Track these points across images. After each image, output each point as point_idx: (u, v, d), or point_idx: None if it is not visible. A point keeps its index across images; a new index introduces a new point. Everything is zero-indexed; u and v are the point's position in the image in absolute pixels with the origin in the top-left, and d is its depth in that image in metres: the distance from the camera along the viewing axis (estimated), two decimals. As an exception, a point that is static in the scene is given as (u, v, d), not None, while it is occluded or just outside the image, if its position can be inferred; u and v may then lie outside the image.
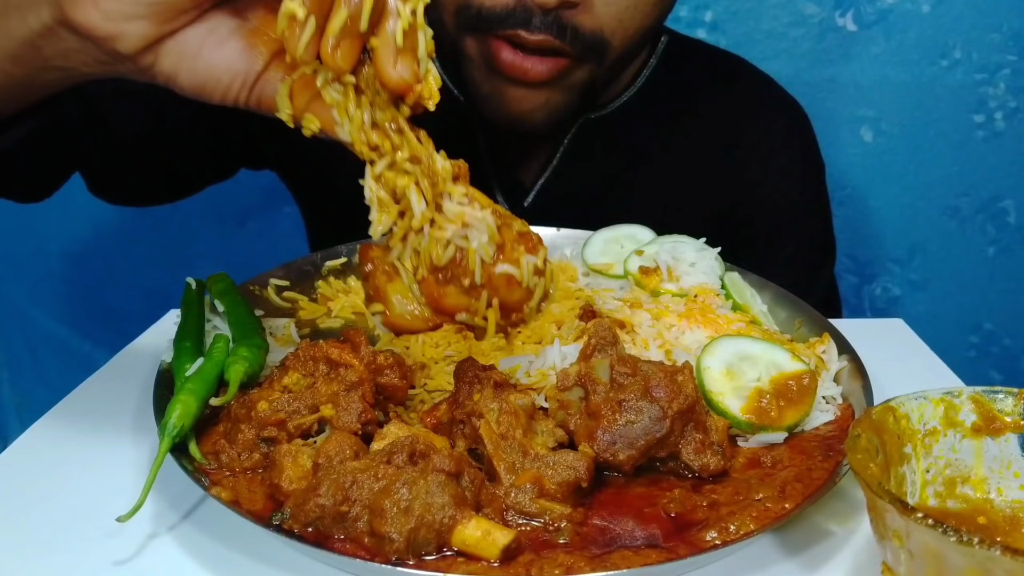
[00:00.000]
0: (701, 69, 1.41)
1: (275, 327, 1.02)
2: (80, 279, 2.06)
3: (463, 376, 0.77)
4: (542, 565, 0.64)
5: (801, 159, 1.43)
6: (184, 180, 1.40)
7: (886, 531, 0.56)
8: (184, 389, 0.78)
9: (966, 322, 2.08)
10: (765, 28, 1.87)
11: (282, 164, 1.46)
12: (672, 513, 0.71)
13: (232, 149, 1.40)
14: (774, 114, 1.42)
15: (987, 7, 1.83)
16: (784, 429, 0.81)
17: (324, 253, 1.16)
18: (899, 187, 1.98)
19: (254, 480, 0.74)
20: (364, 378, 0.80)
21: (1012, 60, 1.86)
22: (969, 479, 0.67)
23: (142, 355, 1.02)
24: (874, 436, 0.62)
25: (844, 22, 1.86)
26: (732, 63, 1.47)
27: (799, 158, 1.43)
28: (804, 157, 1.44)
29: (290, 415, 0.77)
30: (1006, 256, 2.02)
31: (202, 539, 0.71)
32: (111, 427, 0.88)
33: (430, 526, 0.64)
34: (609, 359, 0.78)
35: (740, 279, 1.07)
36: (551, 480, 0.70)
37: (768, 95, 1.44)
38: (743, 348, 0.87)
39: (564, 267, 1.13)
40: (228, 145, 1.38)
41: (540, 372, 0.88)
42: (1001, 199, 1.98)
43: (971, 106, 1.90)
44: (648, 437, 0.74)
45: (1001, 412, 0.67)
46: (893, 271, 2.06)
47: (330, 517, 0.65)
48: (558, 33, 1.06)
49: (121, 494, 0.76)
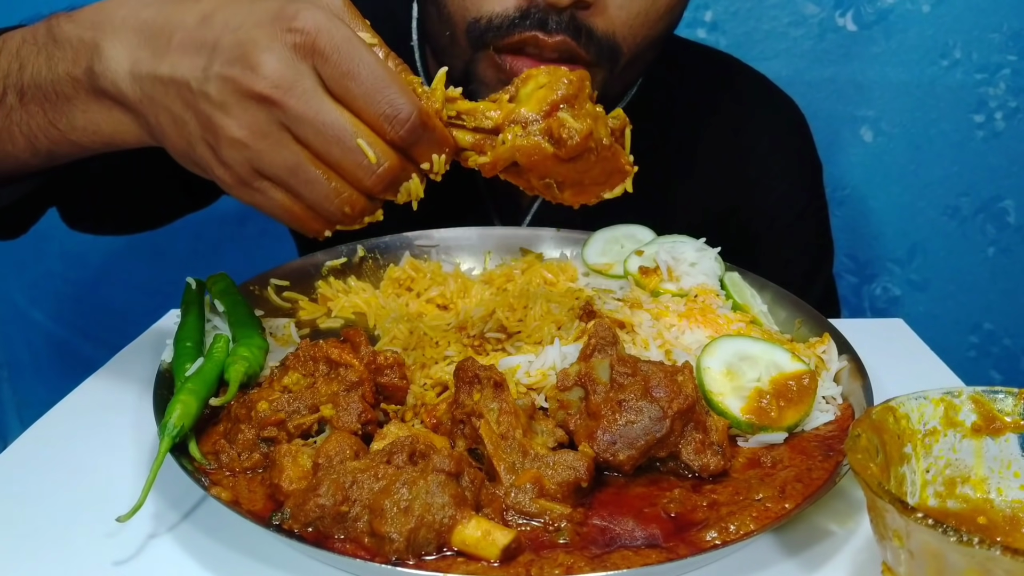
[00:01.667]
0: (696, 71, 1.39)
1: (275, 327, 1.02)
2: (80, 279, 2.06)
3: (463, 376, 0.77)
4: (542, 565, 0.64)
5: (799, 160, 1.43)
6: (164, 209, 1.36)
7: (886, 531, 0.56)
8: (184, 389, 0.78)
9: (966, 322, 2.08)
10: (765, 28, 1.87)
11: None
12: (672, 513, 0.71)
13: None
14: (771, 115, 1.41)
15: (987, 7, 1.83)
16: (784, 429, 0.81)
17: (324, 253, 1.16)
18: (899, 187, 1.98)
19: (254, 480, 0.74)
20: (364, 378, 0.80)
21: (1012, 60, 1.86)
22: (969, 479, 0.67)
23: (142, 355, 1.03)
24: (874, 436, 0.62)
25: (844, 22, 1.86)
26: (726, 64, 1.46)
27: (797, 159, 1.42)
28: (802, 158, 1.43)
29: (290, 415, 0.77)
30: (1006, 256, 2.02)
31: (202, 539, 0.71)
32: (111, 427, 0.88)
33: (430, 526, 0.64)
34: (609, 359, 0.78)
35: (740, 279, 1.07)
36: (551, 480, 0.70)
37: (764, 96, 1.44)
38: (743, 348, 0.87)
39: (564, 267, 1.13)
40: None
41: (540, 372, 0.88)
42: (1001, 199, 1.98)
43: (971, 106, 1.90)
44: (648, 437, 0.74)
45: (1001, 412, 0.67)
46: (893, 271, 2.06)
47: (330, 517, 0.65)
48: (574, 34, 1.05)
49: (121, 494, 0.76)
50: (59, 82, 0.78)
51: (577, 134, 0.75)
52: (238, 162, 0.70)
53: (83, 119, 0.79)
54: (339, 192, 0.71)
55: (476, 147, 0.77)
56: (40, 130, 0.82)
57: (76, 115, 0.79)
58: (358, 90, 0.69)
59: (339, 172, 0.71)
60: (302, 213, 0.73)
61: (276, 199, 0.72)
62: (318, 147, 0.69)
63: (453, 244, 1.22)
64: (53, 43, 0.79)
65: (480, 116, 0.77)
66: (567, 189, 0.80)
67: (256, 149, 0.69)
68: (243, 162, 0.70)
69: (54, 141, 0.82)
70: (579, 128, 0.75)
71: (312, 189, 0.71)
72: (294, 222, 0.74)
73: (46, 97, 0.80)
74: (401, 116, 0.70)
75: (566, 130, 0.75)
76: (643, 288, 1.05)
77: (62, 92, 0.78)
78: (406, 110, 0.70)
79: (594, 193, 0.81)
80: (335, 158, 0.69)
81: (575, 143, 0.75)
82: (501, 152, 0.76)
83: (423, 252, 1.19)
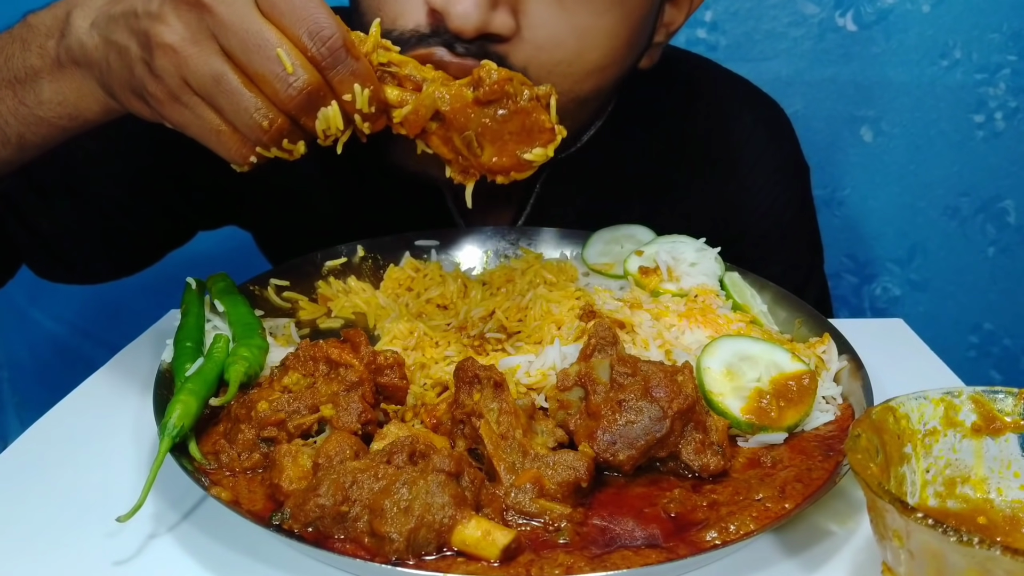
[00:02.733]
0: (671, 81, 1.31)
1: (275, 327, 1.02)
2: (80, 279, 2.06)
3: (463, 376, 0.77)
4: (542, 565, 0.64)
5: (786, 165, 1.38)
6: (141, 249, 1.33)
7: (886, 531, 0.56)
8: (184, 389, 0.78)
9: (966, 322, 2.08)
10: (765, 28, 1.87)
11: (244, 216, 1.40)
12: (672, 513, 0.71)
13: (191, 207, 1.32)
14: (755, 121, 1.36)
15: (987, 7, 1.83)
16: (784, 429, 0.81)
17: (324, 253, 1.16)
18: (899, 187, 1.98)
19: (254, 480, 0.74)
20: (364, 378, 0.80)
21: (1012, 60, 1.86)
22: (969, 479, 0.67)
23: (142, 355, 1.03)
24: (874, 436, 0.62)
25: (844, 22, 1.86)
26: (702, 69, 1.39)
27: (784, 164, 1.37)
28: (788, 162, 1.38)
29: (290, 415, 0.77)
30: (1006, 256, 2.02)
31: (202, 539, 0.71)
32: (111, 427, 0.88)
33: (430, 526, 0.64)
34: (609, 359, 0.78)
35: (740, 279, 1.07)
36: (551, 480, 0.70)
37: (747, 101, 1.38)
38: (743, 348, 0.87)
39: (564, 267, 1.13)
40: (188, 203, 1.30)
41: (540, 372, 0.88)
42: (1001, 199, 1.98)
43: (971, 106, 1.90)
44: (648, 437, 0.74)
45: (1001, 412, 0.67)
46: (893, 271, 2.06)
47: (330, 517, 0.65)
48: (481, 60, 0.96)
49: (121, 494, 0.76)
50: (30, 60, 0.84)
51: (496, 72, 0.80)
52: (168, 72, 0.73)
53: (49, 90, 0.84)
54: (258, 106, 0.73)
55: (401, 102, 0.80)
56: (10, 112, 0.87)
57: (43, 88, 0.84)
58: (285, 6, 0.72)
59: (258, 83, 0.73)
60: (227, 132, 0.75)
61: (203, 115, 0.75)
62: (240, 56, 0.72)
63: (453, 244, 1.22)
64: (28, 30, 0.85)
65: (410, 67, 0.81)
66: (487, 145, 0.82)
67: (184, 55, 0.72)
68: (173, 72, 0.73)
69: (23, 121, 0.86)
70: (499, 70, 0.80)
71: (232, 100, 0.73)
72: (219, 144, 0.76)
73: (16, 78, 0.85)
74: (323, 33, 0.72)
75: (485, 70, 0.80)
76: (643, 288, 1.05)
77: (32, 68, 0.84)
78: (329, 29, 0.73)
79: (513, 152, 0.83)
80: (255, 67, 0.72)
81: (493, 80, 0.79)
82: (423, 99, 0.80)
83: (423, 252, 1.20)
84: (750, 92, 1.40)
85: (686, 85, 1.35)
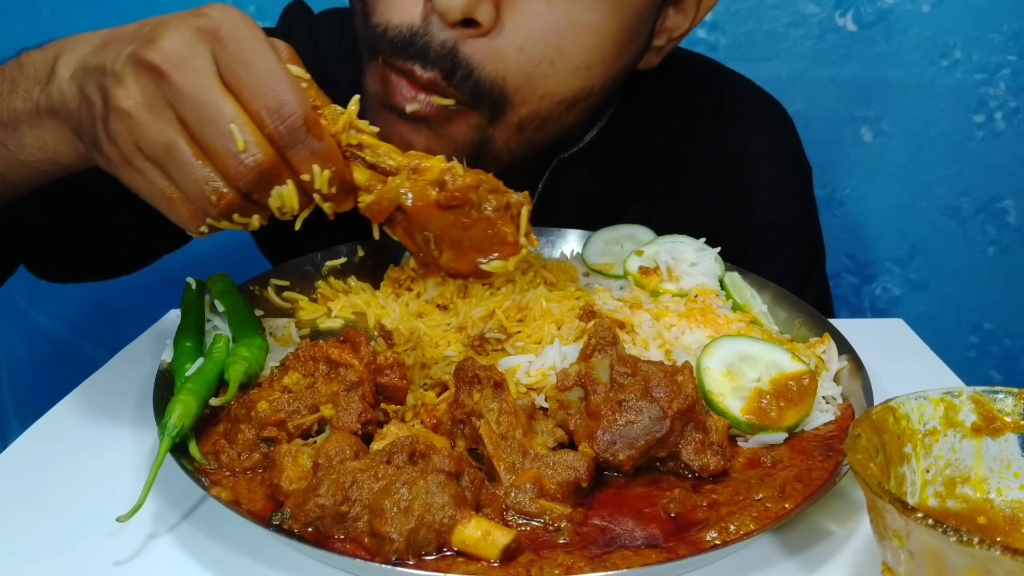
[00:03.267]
0: (673, 82, 1.31)
1: (275, 327, 1.02)
2: (80, 279, 2.06)
3: (463, 376, 0.77)
4: (542, 565, 0.64)
5: (789, 165, 1.38)
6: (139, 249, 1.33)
7: (886, 531, 0.56)
8: (184, 389, 0.78)
9: (966, 322, 2.08)
10: (765, 28, 1.87)
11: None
12: (672, 513, 0.71)
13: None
14: (757, 121, 1.36)
15: (987, 7, 1.83)
16: (784, 429, 0.81)
17: (324, 253, 1.16)
18: (899, 187, 1.98)
19: (254, 480, 0.74)
20: (364, 378, 0.80)
21: (1012, 60, 1.86)
22: (969, 479, 0.67)
23: (142, 355, 1.03)
24: (874, 436, 0.62)
25: (844, 22, 1.86)
26: (705, 69, 1.39)
27: (786, 165, 1.37)
28: (791, 162, 1.38)
29: (290, 415, 0.77)
30: (1006, 256, 2.02)
31: (202, 539, 0.71)
32: (111, 427, 0.88)
33: (430, 526, 0.64)
34: (609, 359, 0.78)
35: (740, 279, 1.07)
36: (551, 480, 0.70)
37: (750, 102, 1.38)
38: (743, 348, 0.87)
39: (564, 267, 1.13)
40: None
41: (540, 372, 0.88)
42: (1001, 199, 1.98)
43: (971, 106, 1.90)
44: (648, 437, 0.74)
45: (1001, 412, 0.67)
46: (893, 271, 2.06)
47: (330, 517, 0.65)
48: (448, 72, 0.96)
49: (121, 494, 0.76)
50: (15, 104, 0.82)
51: (461, 179, 0.76)
52: (122, 136, 0.71)
53: (30, 136, 0.83)
54: (208, 178, 0.70)
55: (368, 187, 0.76)
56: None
57: (25, 134, 0.83)
58: (248, 79, 0.69)
59: (210, 156, 0.70)
60: (178, 200, 0.73)
61: (155, 181, 0.72)
62: (194, 127, 0.69)
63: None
64: (19, 70, 0.83)
65: (382, 154, 0.76)
66: (446, 249, 0.79)
67: (138, 121, 0.70)
68: (126, 136, 0.71)
69: (5, 163, 0.86)
70: (465, 176, 0.76)
71: (182, 171, 0.70)
72: (170, 210, 0.73)
73: (1, 121, 0.84)
74: (284, 111, 0.69)
75: (451, 174, 0.76)
76: (643, 288, 1.05)
77: (15, 112, 0.83)
78: (290, 106, 0.69)
79: (472, 260, 0.79)
80: (208, 140, 0.69)
81: (456, 186, 0.76)
82: (386, 191, 0.76)
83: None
84: (753, 92, 1.40)
85: (688, 85, 1.34)
